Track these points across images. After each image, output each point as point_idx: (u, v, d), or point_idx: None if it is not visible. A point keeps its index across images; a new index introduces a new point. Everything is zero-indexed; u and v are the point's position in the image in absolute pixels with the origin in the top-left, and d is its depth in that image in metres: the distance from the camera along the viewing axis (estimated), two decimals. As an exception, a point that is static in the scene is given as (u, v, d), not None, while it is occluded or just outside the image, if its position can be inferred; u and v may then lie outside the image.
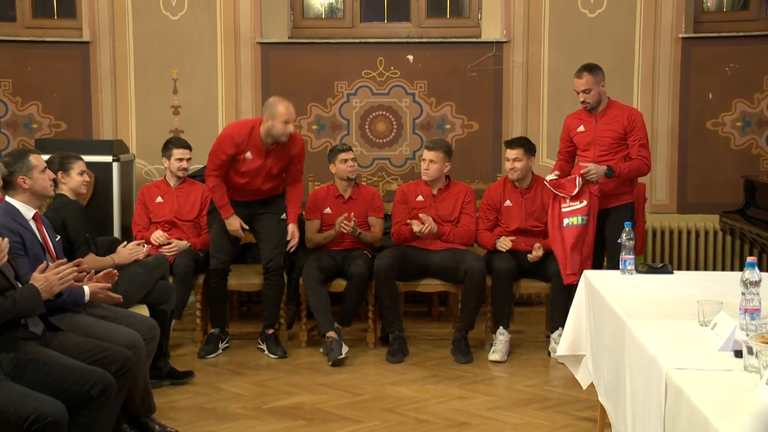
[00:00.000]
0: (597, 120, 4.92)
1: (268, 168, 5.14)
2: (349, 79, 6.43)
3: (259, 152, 5.09)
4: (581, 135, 4.95)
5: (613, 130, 4.89)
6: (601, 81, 4.94)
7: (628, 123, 4.90)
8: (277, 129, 5.00)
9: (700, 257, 6.31)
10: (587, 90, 4.90)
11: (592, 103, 4.92)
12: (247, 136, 5.06)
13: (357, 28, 6.59)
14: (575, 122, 5.01)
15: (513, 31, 6.31)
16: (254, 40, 6.39)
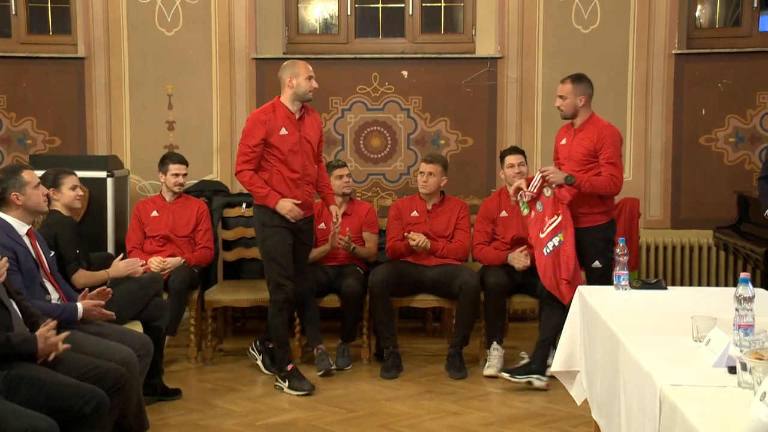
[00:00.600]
0: (575, 134, 4.83)
1: (306, 141, 4.84)
2: (344, 94, 6.44)
3: (292, 123, 4.78)
4: (562, 147, 4.88)
5: (585, 146, 4.76)
6: (581, 94, 4.79)
7: (598, 140, 4.71)
8: (303, 86, 4.75)
9: (694, 273, 6.32)
10: (563, 97, 4.80)
11: (566, 111, 4.81)
12: (271, 112, 4.76)
13: (352, 43, 6.61)
14: (562, 134, 4.96)
15: (507, 47, 6.33)
16: (249, 55, 6.40)
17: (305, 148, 4.81)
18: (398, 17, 6.66)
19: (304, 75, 4.77)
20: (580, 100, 4.77)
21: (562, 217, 4.70)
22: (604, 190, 4.72)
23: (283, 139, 4.73)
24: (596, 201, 4.76)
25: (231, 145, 6.40)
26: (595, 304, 3.54)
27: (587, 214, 4.75)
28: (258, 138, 4.72)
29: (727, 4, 6.63)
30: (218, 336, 5.76)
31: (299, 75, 4.76)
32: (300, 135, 4.80)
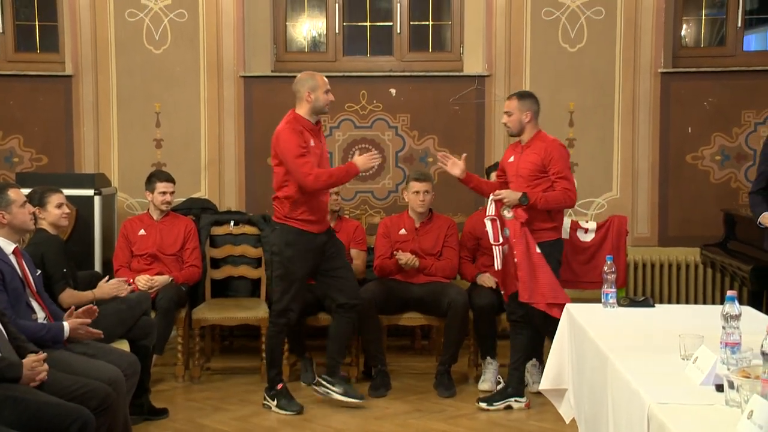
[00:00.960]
0: (522, 150, 4.81)
1: (324, 153, 4.83)
2: (332, 112, 6.42)
3: (316, 134, 4.74)
4: (510, 165, 4.85)
5: (531, 161, 4.72)
6: (527, 110, 4.75)
7: (545, 155, 4.67)
8: (322, 100, 4.70)
9: (681, 290, 6.34)
10: (509, 113, 4.78)
11: (512, 128, 4.79)
12: (295, 122, 4.68)
13: (340, 61, 6.63)
14: (509, 152, 4.92)
15: (495, 65, 6.37)
16: (237, 73, 6.41)
17: (326, 158, 4.85)
18: (386, 35, 6.69)
19: (323, 88, 4.72)
20: (526, 116, 4.75)
21: (510, 233, 4.67)
22: (559, 204, 4.69)
23: (312, 150, 4.70)
24: (545, 217, 4.71)
25: (219, 163, 6.41)
26: (582, 322, 3.54)
27: (535, 231, 4.71)
28: (303, 143, 4.61)
29: (711, 24, 6.70)
30: (206, 355, 5.74)
31: (318, 89, 4.70)
32: (322, 147, 4.81)
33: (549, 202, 4.64)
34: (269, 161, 5.17)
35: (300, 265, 4.72)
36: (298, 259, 4.71)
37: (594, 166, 6.40)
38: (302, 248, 4.71)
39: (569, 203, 4.73)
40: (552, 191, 4.66)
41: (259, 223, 5.88)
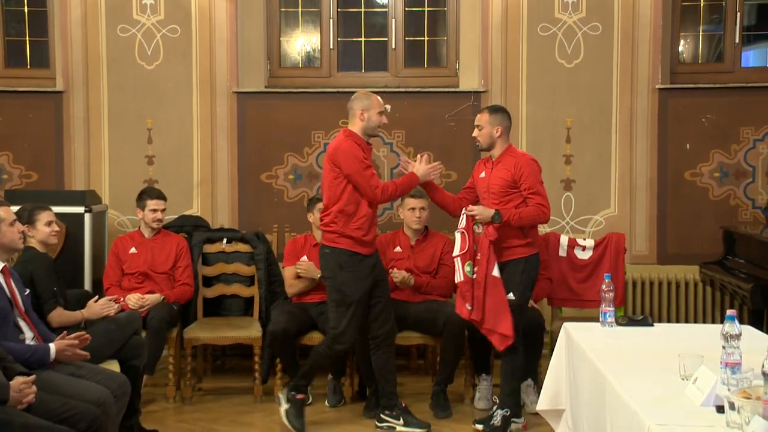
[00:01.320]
0: (493, 166, 4.76)
1: (375, 164, 4.87)
2: (326, 128, 6.46)
3: (368, 153, 4.73)
4: (481, 181, 4.80)
5: (502, 177, 4.67)
6: (498, 125, 4.70)
7: (516, 170, 4.64)
8: (374, 120, 4.67)
9: (681, 309, 6.33)
10: (479, 126, 4.75)
11: (482, 142, 4.76)
12: (357, 138, 4.66)
13: (334, 77, 6.64)
14: (479, 168, 4.89)
15: (491, 81, 6.38)
16: (230, 89, 6.41)
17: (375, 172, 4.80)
18: (381, 51, 6.70)
19: (377, 109, 4.68)
20: (497, 131, 4.72)
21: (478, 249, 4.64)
22: (533, 220, 4.64)
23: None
24: (518, 233, 4.67)
25: (211, 180, 6.41)
26: (580, 341, 3.53)
27: (509, 248, 4.69)
28: (365, 155, 4.61)
29: (709, 40, 6.73)
30: (197, 375, 5.70)
31: (371, 108, 4.68)
32: (374, 161, 4.84)
33: (523, 218, 4.61)
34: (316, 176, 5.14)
35: (356, 287, 4.67)
36: (354, 282, 4.67)
37: (591, 183, 6.41)
38: (356, 269, 4.67)
39: (543, 219, 4.68)
40: (525, 207, 4.64)
41: (252, 241, 5.87)
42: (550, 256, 5.64)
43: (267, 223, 6.31)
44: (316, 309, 5.42)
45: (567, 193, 6.41)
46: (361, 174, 4.58)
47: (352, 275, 4.65)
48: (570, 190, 6.41)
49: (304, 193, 6.42)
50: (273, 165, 6.45)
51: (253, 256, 5.83)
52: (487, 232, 4.60)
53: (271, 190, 6.46)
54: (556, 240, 5.71)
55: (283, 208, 6.43)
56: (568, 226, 6.38)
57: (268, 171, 6.46)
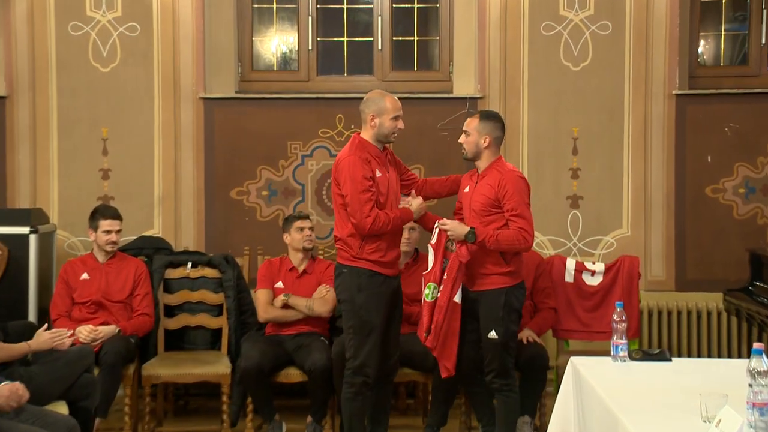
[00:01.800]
0: (478, 180, 4.74)
1: (393, 182, 4.75)
2: (305, 138, 6.45)
3: (382, 162, 4.71)
4: (464, 196, 4.79)
5: (484, 194, 4.65)
6: (486, 134, 4.67)
7: (499, 188, 4.60)
8: (387, 127, 4.64)
9: (702, 341, 6.32)
10: (467, 132, 4.72)
11: (467, 150, 4.72)
12: (363, 150, 4.65)
13: (313, 81, 6.65)
14: (465, 181, 4.86)
15: (488, 86, 6.40)
16: (196, 94, 6.41)
17: (394, 192, 4.76)
18: (366, 52, 6.72)
19: (390, 114, 4.65)
20: (484, 141, 4.69)
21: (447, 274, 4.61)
22: (511, 246, 4.57)
23: (380, 183, 4.65)
24: (498, 259, 4.63)
25: (174, 196, 6.40)
26: (590, 378, 3.52)
27: (487, 275, 4.65)
28: (369, 175, 4.57)
29: (732, 40, 6.76)
30: (157, 417, 5.66)
31: (384, 113, 4.65)
32: (389, 175, 4.73)
33: (500, 242, 4.55)
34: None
35: (376, 312, 4.63)
36: (374, 306, 4.63)
37: (601, 200, 6.43)
38: (376, 292, 4.64)
39: (524, 246, 4.60)
40: (505, 230, 4.59)
41: (221, 265, 5.85)
42: (555, 282, 5.65)
43: (237, 245, 6.30)
44: (294, 342, 5.41)
45: (574, 211, 6.42)
46: (357, 197, 4.54)
47: (371, 298, 4.62)
48: (577, 208, 6.42)
49: (280, 212, 6.41)
50: (244, 180, 6.45)
51: (222, 283, 5.81)
52: (459, 252, 4.57)
53: (242, 207, 6.45)
54: (562, 264, 5.72)
55: (256, 228, 6.42)
56: (575, 249, 6.39)
57: (239, 186, 6.45)
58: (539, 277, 5.58)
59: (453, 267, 4.56)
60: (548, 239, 6.40)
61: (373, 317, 4.63)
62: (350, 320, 4.67)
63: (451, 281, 4.56)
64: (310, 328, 5.51)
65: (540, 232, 6.29)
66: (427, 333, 4.62)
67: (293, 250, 5.63)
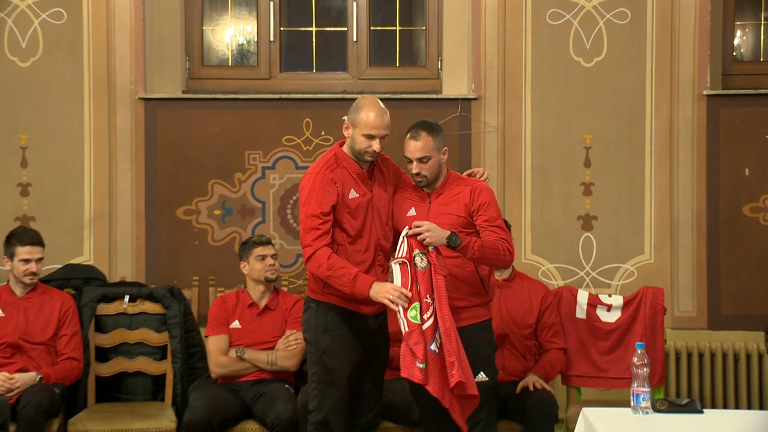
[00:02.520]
0: (431, 200, 4.70)
1: (377, 204, 4.67)
2: (266, 147, 6.44)
3: (361, 179, 4.66)
4: (411, 221, 4.56)
5: (453, 213, 4.60)
6: (443, 147, 4.68)
7: (472, 198, 4.60)
8: (357, 143, 4.58)
9: (740, 389, 6.29)
10: (425, 158, 4.60)
11: (429, 177, 4.64)
12: (334, 164, 4.63)
13: (276, 79, 6.65)
14: (404, 202, 4.76)
15: (484, 85, 6.41)
16: (135, 94, 6.40)
17: (378, 215, 4.69)
18: (339, 44, 6.73)
19: (362, 129, 4.56)
20: (444, 155, 4.69)
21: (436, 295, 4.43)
22: (497, 255, 4.52)
23: (353, 205, 4.61)
24: (478, 287, 4.62)
25: (108, 216, 6.38)
26: (605, 434, 3.52)
27: (467, 308, 4.61)
28: (330, 202, 4.54)
29: (773, 31, 6.81)
30: (87, 483, 5.62)
31: (356, 125, 4.59)
32: (371, 196, 4.67)
33: (485, 248, 4.46)
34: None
35: (343, 358, 4.60)
36: (341, 351, 4.60)
37: (619, 221, 6.44)
38: (345, 334, 4.61)
39: (508, 257, 4.57)
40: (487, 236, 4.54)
41: (164, 299, 5.82)
42: (565, 319, 5.65)
43: (185, 274, 6.29)
44: (252, 390, 5.39)
45: (586, 233, 6.44)
46: (305, 221, 4.54)
47: (339, 342, 4.59)
48: (590, 230, 6.44)
49: (236, 235, 6.41)
50: (193, 196, 6.44)
51: (166, 320, 5.78)
52: (437, 264, 4.41)
53: (191, 230, 6.45)
54: (572, 297, 5.71)
55: (207, 254, 6.42)
56: (588, 278, 6.40)
57: (187, 204, 6.44)
58: (545, 311, 5.57)
59: (440, 284, 4.42)
60: (556, 267, 6.41)
61: (340, 364, 4.59)
62: (314, 366, 4.66)
63: (444, 300, 4.40)
64: (273, 374, 5.48)
65: (546, 258, 6.30)
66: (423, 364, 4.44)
67: (252, 282, 5.59)
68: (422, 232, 4.39)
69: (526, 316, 5.49)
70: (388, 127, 4.62)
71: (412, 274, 4.40)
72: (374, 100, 4.67)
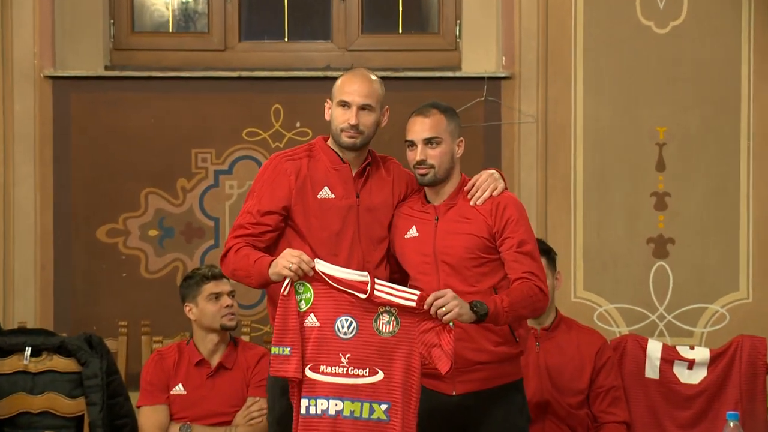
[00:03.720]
0: (440, 215, 4.68)
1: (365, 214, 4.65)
2: (220, 144, 6.43)
3: (342, 177, 4.66)
4: (413, 245, 4.62)
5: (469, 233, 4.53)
6: (458, 136, 4.62)
7: (494, 215, 4.53)
8: (335, 121, 4.60)
9: None
10: (434, 140, 4.53)
11: (437, 169, 4.53)
12: (303, 153, 4.68)
13: (233, 50, 6.68)
14: (404, 221, 4.70)
15: (519, 60, 6.43)
16: (40, 71, 6.43)
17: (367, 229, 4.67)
18: (319, 5, 6.77)
19: (336, 96, 4.61)
20: (459, 146, 4.62)
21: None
22: (532, 306, 4.46)
23: (327, 208, 4.60)
24: (503, 331, 4.52)
25: (3, 238, 6.42)
26: None
27: (487, 364, 4.52)
28: (274, 201, 4.56)
29: None
30: None
31: (333, 95, 4.64)
32: (357, 204, 4.65)
33: (514, 306, 4.37)
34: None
35: None
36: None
37: (704, 246, 6.47)
38: None
39: (543, 303, 4.50)
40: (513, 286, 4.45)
41: (80, 353, 5.78)
42: (629, 380, 5.62)
43: (108, 318, 6.31)
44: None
45: (659, 262, 6.45)
46: (241, 213, 4.63)
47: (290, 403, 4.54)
48: (664, 258, 6.44)
49: (178, 264, 6.44)
50: (120, 212, 6.47)
51: (82, 381, 5.74)
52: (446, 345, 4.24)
53: (117, 257, 6.47)
54: (641, 350, 5.69)
55: (139, 290, 6.45)
56: (662, 324, 6.40)
57: (111, 222, 6.46)
58: (601, 371, 5.54)
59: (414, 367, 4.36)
60: (617, 308, 6.42)
61: None
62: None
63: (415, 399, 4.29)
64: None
65: (604, 297, 6.30)
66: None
67: (202, 331, 5.51)
68: (447, 306, 4.21)
69: (574, 377, 5.45)
70: (372, 95, 4.55)
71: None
72: (367, 71, 4.68)
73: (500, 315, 4.30)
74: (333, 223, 4.56)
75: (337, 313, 4.25)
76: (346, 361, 4.24)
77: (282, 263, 4.30)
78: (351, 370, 4.23)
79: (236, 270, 4.52)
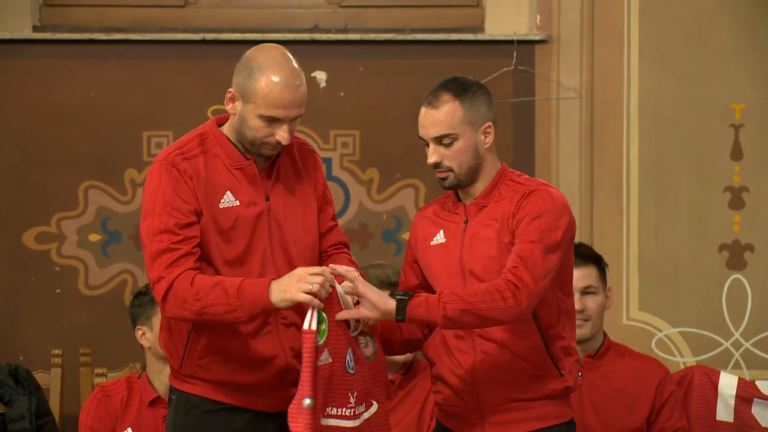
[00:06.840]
0: (469, 217, 4.75)
1: (280, 219, 4.64)
2: (178, 124, 6.45)
3: (247, 177, 4.62)
4: (438, 254, 4.69)
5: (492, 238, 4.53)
6: (483, 121, 4.60)
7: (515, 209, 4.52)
8: (248, 127, 4.49)
9: None
10: (446, 138, 4.52)
11: (458, 172, 4.53)
12: (195, 148, 4.61)
13: (197, 6, 6.76)
14: (427, 226, 4.76)
15: (558, 20, 6.51)
16: (-49, 33, 6.48)
17: (281, 238, 4.66)
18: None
19: (259, 108, 4.45)
20: (486, 135, 4.62)
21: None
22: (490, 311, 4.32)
23: (230, 219, 4.59)
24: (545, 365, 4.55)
25: None
26: None
27: (529, 402, 4.55)
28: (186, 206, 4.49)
29: None
30: None
31: (250, 98, 4.49)
32: (268, 210, 4.65)
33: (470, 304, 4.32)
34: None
35: None
36: None
37: (792, 254, 6.50)
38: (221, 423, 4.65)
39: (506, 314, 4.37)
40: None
41: (2, 389, 5.86)
42: (697, 421, 5.66)
43: (38, 345, 6.39)
44: None
45: (735, 274, 6.53)
46: (149, 243, 4.53)
47: None
48: (741, 270, 6.50)
49: (126, 277, 6.52)
50: (53, 210, 6.55)
51: (5, 424, 5.84)
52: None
53: (49, 268, 6.54)
54: (711, 384, 5.73)
55: (77, 310, 6.52)
56: (737, 353, 6.45)
57: (42, 224, 6.55)
58: (663, 409, 5.60)
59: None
60: (681, 332, 6.48)
61: None
62: None
63: None
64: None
65: (665, 318, 6.35)
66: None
67: (158, 361, 5.56)
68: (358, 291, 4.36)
69: (627, 415, 5.50)
70: (302, 102, 4.51)
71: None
72: (281, 54, 4.59)
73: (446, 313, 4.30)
74: (241, 239, 4.57)
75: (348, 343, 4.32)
76: (354, 400, 4.31)
77: (298, 286, 4.28)
78: (357, 410, 4.31)
79: (207, 307, 4.42)
